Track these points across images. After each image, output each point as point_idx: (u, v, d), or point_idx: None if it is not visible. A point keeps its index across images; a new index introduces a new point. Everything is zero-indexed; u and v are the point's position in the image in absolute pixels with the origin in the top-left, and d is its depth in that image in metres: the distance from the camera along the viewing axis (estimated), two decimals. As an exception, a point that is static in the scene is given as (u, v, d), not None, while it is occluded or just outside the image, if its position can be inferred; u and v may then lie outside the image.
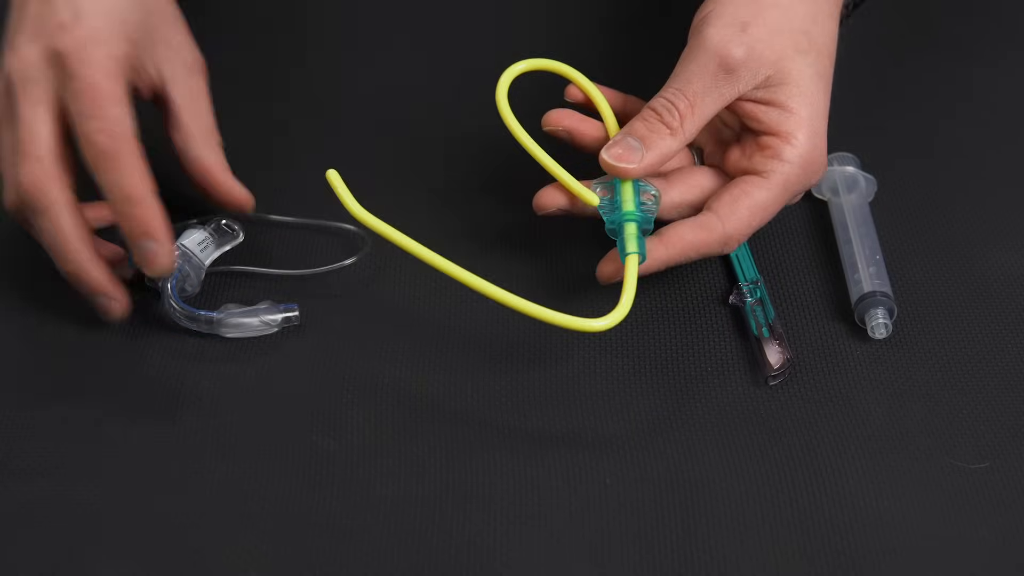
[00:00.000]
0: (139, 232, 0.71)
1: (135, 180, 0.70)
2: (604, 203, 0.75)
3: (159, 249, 0.71)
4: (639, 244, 0.73)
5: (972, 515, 0.67)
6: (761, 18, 0.74)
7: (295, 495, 0.68)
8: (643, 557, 0.66)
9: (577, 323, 0.70)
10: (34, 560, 0.65)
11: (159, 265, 0.71)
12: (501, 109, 0.76)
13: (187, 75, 0.76)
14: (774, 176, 0.74)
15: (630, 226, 0.74)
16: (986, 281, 0.78)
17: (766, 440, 0.70)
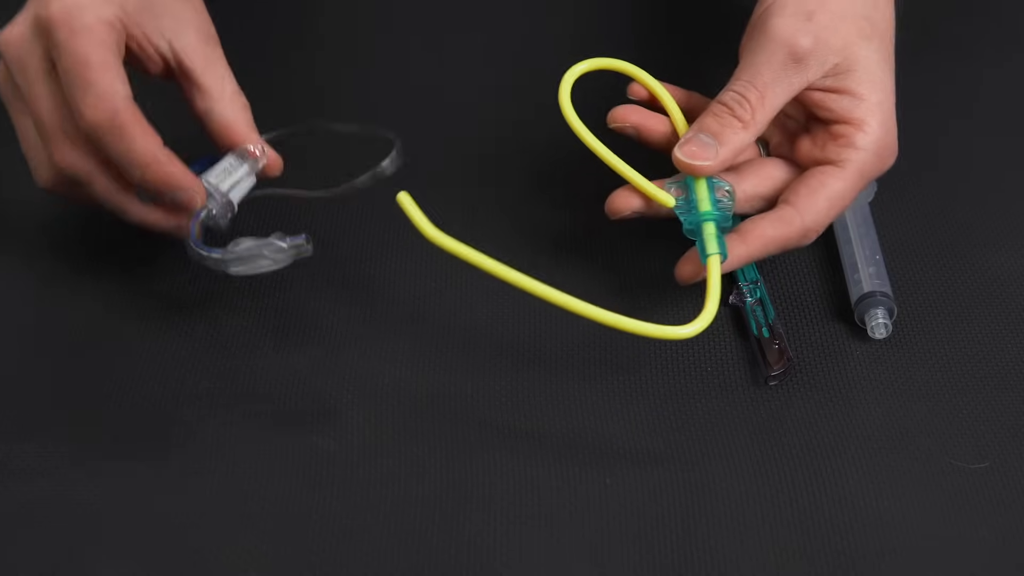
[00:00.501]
0: (164, 188, 0.71)
1: (142, 144, 0.70)
2: (680, 203, 0.74)
3: (190, 195, 0.71)
4: (720, 244, 0.72)
5: (972, 515, 0.67)
6: (825, 6, 0.74)
7: (295, 495, 0.68)
8: (643, 557, 0.66)
9: (664, 331, 0.69)
10: (34, 560, 0.65)
11: (194, 203, 0.72)
12: (565, 110, 0.75)
13: (202, 44, 0.74)
14: (850, 165, 0.74)
15: (709, 226, 0.73)
16: (986, 281, 0.78)
17: (766, 440, 0.70)
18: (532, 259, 0.74)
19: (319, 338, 0.75)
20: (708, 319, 0.70)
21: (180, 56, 0.73)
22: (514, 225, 0.81)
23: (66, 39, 0.69)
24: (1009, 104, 0.91)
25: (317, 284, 0.78)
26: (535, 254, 0.79)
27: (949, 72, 0.92)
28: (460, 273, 0.74)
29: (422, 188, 0.70)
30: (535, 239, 0.80)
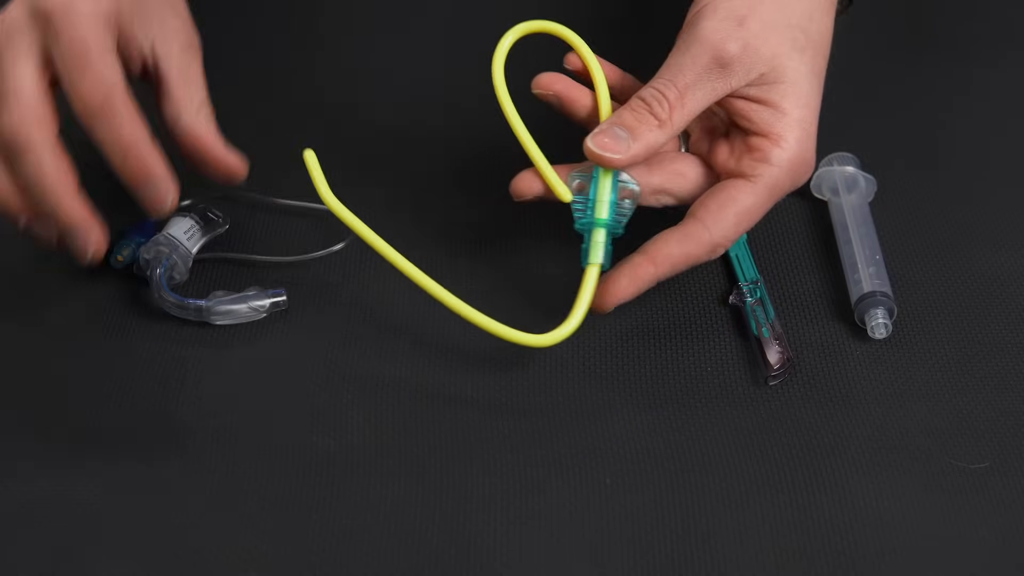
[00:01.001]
0: (141, 177, 0.70)
1: (130, 129, 0.70)
2: (577, 200, 0.73)
3: (162, 190, 0.70)
4: (605, 255, 0.72)
5: (972, 515, 0.67)
6: (758, 13, 0.73)
7: (295, 495, 0.68)
8: (643, 557, 0.66)
9: (522, 338, 0.70)
10: (34, 560, 0.65)
11: (166, 205, 0.71)
12: (495, 79, 0.73)
13: (180, 52, 0.75)
14: (761, 180, 0.73)
15: (599, 233, 0.72)
16: (986, 281, 0.78)
17: (766, 440, 0.70)
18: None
19: (319, 338, 0.75)
20: (571, 328, 0.71)
21: (159, 60, 0.74)
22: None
23: (66, 25, 0.70)
24: (1010, 104, 0.91)
25: (317, 284, 0.78)
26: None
27: (949, 72, 0.92)
28: (459, 274, 0.75)
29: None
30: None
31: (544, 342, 0.71)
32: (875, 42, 0.93)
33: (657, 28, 0.79)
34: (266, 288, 0.76)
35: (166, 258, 0.76)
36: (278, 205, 0.81)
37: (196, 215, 0.78)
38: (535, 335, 0.71)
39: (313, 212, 0.80)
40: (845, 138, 0.84)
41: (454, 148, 0.86)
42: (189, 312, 0.75)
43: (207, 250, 0.78)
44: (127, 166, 0.70)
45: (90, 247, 0.71)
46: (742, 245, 0.79)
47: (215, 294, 0.75)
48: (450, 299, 0.71)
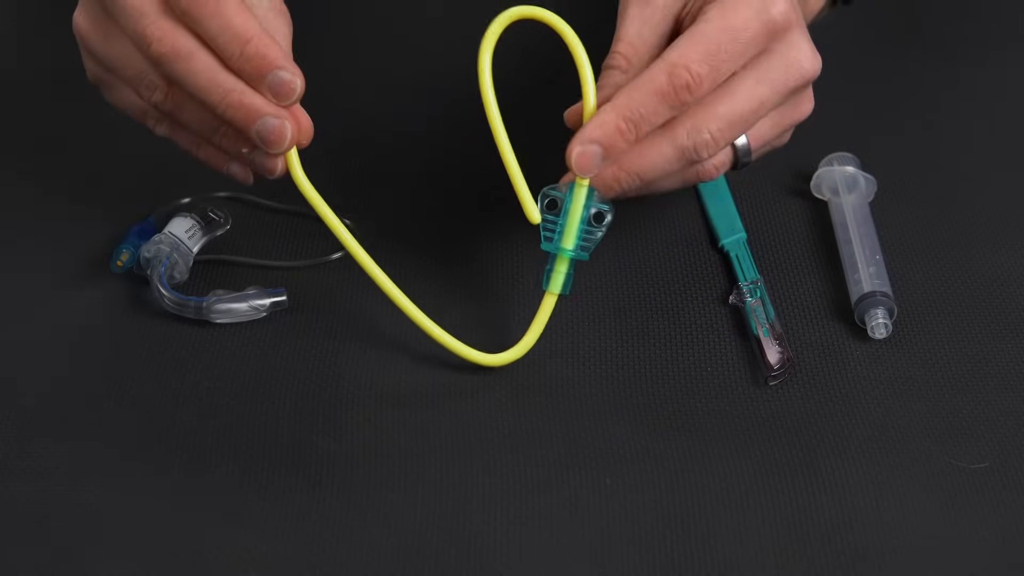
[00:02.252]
0: (265, 67, 0.68)
1: (242, 18, 0.68)
2: (547, 221, 0.71)
3: (290, 76, 0.68)
4: (564, 285, 0.71)
5: (972, 515, 0.67)
6: None
7: (295, 495, 0.68)
8: (643, 557, 0.66)
9: (472, 355, 0.72)
10: (34, 560, 0.65)
11: (296, 90, 0.69)
12: (481, 76, 0.70)
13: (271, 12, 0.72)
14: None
15: (563, 262, 0.71)
16: (986, 281, 0.78)
17: (766, 440, 0.70)
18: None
19: (319, 337, 0.75)
20: (521, 351, 0.72)
21: None
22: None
23: None
24: (1010, 104, 0.91)
25: (317, 283, 0.78)
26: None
27: (949, 72, 0.92)
28: (459, 273, 0.75)
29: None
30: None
31: (491, 361, 0.72)
32: (877, 42, 0.93)
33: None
34: (266, 287, 0.76)
35: (167, 257, 0.76)
36: (279, 208, 0.81)
37: (197, 215, 0.78)
38: (484, 354, 0.72)
39: (314, 214, 0.80)
40: (845, 138, 0.84)
41: (441, 148, 0.86)
42: (189, 310, 0.75)
43: (208, 250, 0.78)
44: (244, 57, 0.68)
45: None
46: (742, 245, 0.79)
47: (215, 293, 0.75)
48: (407, 305, 0.72)
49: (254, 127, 0.69)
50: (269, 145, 0.69)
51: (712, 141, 0.70)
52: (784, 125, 0.73)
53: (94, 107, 0.88)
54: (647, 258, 0.79)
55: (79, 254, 0.79)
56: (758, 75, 0.70)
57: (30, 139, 0.87)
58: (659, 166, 0.70)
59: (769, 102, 0.70)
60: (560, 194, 0.71)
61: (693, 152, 0.70)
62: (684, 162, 0.70)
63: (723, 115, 0.69)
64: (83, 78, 0.87)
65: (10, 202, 0.83)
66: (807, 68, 0.71)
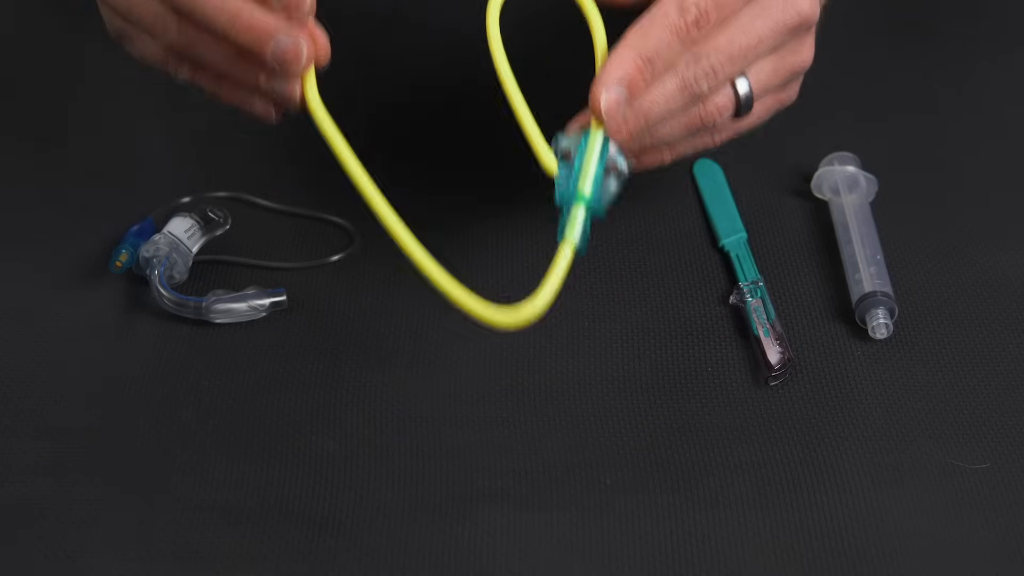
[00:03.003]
0: (263, 33, 0.65)
1: None
2: (561, 171, 0.65)
3: (291, 37, 0.66)
4: (582, 236, 0.63)
5: (973, 516, 0.67)
6: None
7: (295, 495, 0.68)
8: (643, 557, 0.66)
9: (481, 310, 0.61)
10: (34, 560, 0.65)
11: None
12: (489, 30, 0.68)
13: None
14: None
15: (579, 209, 0.64)
16: (987, 281, 0.78)
17: (766, 440, 0.70)
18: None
19: (319, 337, 0.75)
20: (535, 309, 0.62)
21: None
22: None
23: None
24: (1010, 104, 0.91)
25: (317, 283, 0.78)
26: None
27: (949, 72, 0.92)
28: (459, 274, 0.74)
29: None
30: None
31: (503, 320, 0.61)
32: (877, 41, 0.93)
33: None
34: (266, 287, 0.76)
35: (166, 257, 0.76)
36: (279, 209, 0.81)
37: (197, 215, 0.78)
38: (496, 309, 0.62)
39: (314, 215, 0.80)
40: (846, 138, 0.84)
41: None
42: (188, 310, 0.75)
43: (207, 250, 0.78)
44: (237, 26, 0.66)
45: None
46: (743, 245, 0.79)
47: (214, 293, 0.75)
48: (417, 252, 0.63)
49: (268, 49, 0.66)
50: (286, 66, 0.66)
51: (712, 72, 0.69)
52: (785, 70, 0.73)
53: (94, 107, 0.88)
54: (647, 258, 0.79)
55: (79, 254, 0.79)
56: (756, 11, 0.70)
57: (30, 139, 0.87)
58: (662, 102, 0.69)
59: (767, 39, 0.70)
60: (573, 142, 0.66)
61: (694, 83, 0.69)
62: (687, 96, 0.69)
63: (722, 47, 0.69)
64: (83, 78, 0.88)
65: (10, 202, 0.83)
66: (805, 9, 0.71)
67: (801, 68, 0.73)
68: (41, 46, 0.94)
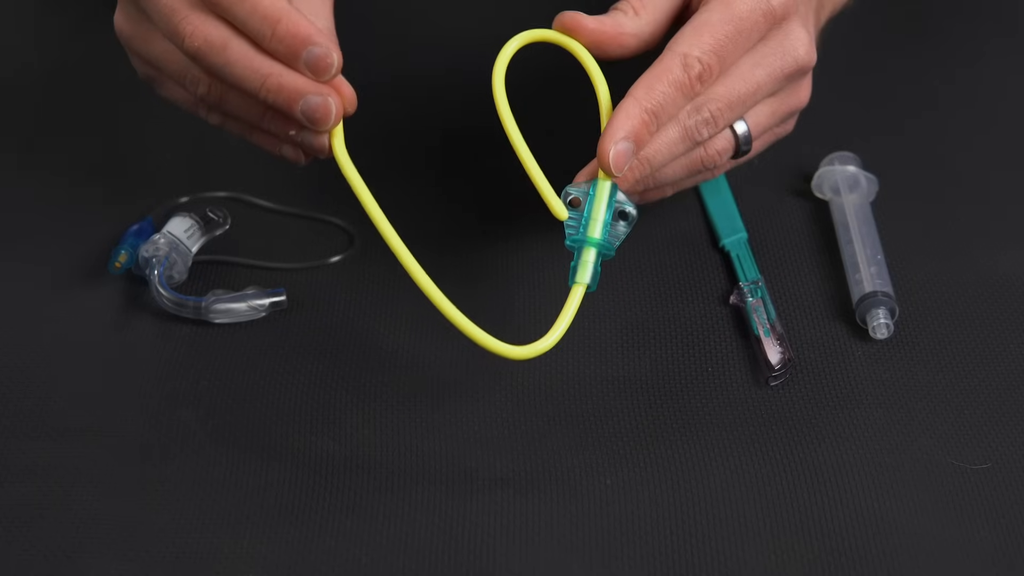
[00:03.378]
0: (299, 45, 0.67)
1: (269, 1, 0.67)
2: (572, 216, 0.70)
3: (325, 50, 0.67)
4: (593, 276, 0.69)
5: (973, 516, 0.67)
6: None
7: (295, 495, 0.68)
8: (643, 558, 0.66)
9: (495, 346, 0.68)
10: (34, 560, 0.65)
11: (333, 63, 0.68)
12: (496, 90, 0.71)
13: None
14: None
15: (589, 252, 0.69)
16: (988, 281, 0.78)
17: (766, 440, 0.70)
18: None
19: (318, 337, 0.75)
20: (548, 344, 0.68)
21: None
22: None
23: None
24: (1011, 103, 0.91)
25: (316, 283, 0.78)
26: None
27: (950, 71, 0.92)
28: (459, 273, 0.75)
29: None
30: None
31: (519, 355, 0.68)
32: (878, 40, 0.93)
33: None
34: (265, 287, 0.76)
35: (165, 257, 0.76)
36: (279, 211, 0.81)
37: (196, 215, 0.78)
38: (511, 346, 0.68)
39: (314, 216, 0.80)
40: (847, 137, 0.84)
41: (455, 153, 0.86)
42: (187, 310, 0.75)
43: (207, 251, 0.78)
44: (275, 38, 0.67)
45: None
46: (743, 245, 0.79)
47: (214, 293, 0.75)
48: (437, 295, 0.68)
49: (298, 107, 0.68)
50: (316, 124, 0.68)
51: (712, 120, 0.71)
52: (781, 112, 0.75)
53: (93, 107, 0.88)
54: (647, 258, 0.79)
55: (78, 254, 0.79)
56: (755, 59, 0.72)
57: (29, 139, 0.87)
58: (665, 150, 0.71)
59: (765, 86, 0.72)
60: (581, 192, 0.70)
61: (695, 131, 0.71)
62: (688, 143, 0.71)
63: (721, 95, 0.71)
64: (82, 78, 0.88)
65: (9, 202, 0.83)
66: (802, 57, 0.72)
67: (798, 108, 0.76)
68: (40, 46, 0.94)
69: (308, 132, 0.70)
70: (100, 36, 0.91)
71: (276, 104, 0.68)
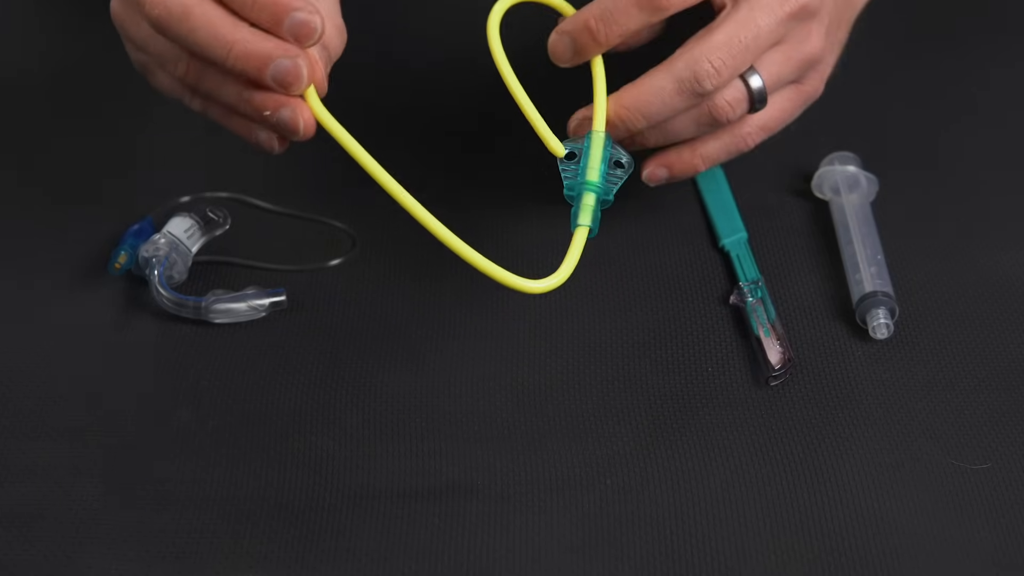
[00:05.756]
0: (281, 11, 0.66)
1: (222, 18, 0.67)
2: (568, 166, 0.72)
3: (307, 15, 0.66)
4: (593, 218, 0.71)
5: (973, 516, 0.67)
6: None
7: (295, 495, 0.68)
8: (643, 558, 0.66)
9: (511, 280, 0.67)
10: (34, 560, 0.65)
11: (316, 28, 0.66)
12: (490, 35, 0.72)
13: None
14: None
15: (589, 196, 0.71)
16: (988, 281, 0.78)
17: (766, 440, 0.70)
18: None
19: (318, 337, 0.75)
20: (559, 280, 0.68)
21: None
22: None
23: None
24: (1011, 103, 0.91)
25: (316, 283, 0.78)
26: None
27: (950, 71, 0.92)
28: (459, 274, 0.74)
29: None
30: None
31: (532, 288, 0.68)
32: (877, 41, 0.93)
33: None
34: (265, 287, 0.76)
35: (165, 257, 0.76)
36: (279, 211, 0.81)
37: (196, 215, 0.78)
38: (527, 280, 0.68)
39: (314, 218, 0.80)
40: (847, 137, 0.84)
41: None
42: (187, 310, 0.75)
43: (207, 251, 0.78)
44: (259, 6, 0.66)
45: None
46: (743, 245, 0.79)
47: (214, 292, 0.75)
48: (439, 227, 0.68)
49: (268, 73, 0.67)
50: (288, 87, 0.67)
51: (714, 71, 0.71)
52: (795, 60, 0.74)
53: (93, 107, 0.88)
54: (647, 258, 0.79)
55: (78, 254, 0.79)
56: (752, 2, 0.71)
57: (29, 139, 0.87)
58: (658, 100, 0.71)
59: (767, 28, 0.71)
60: (577, 144, 0.72)
61: (695, 83, 0.71)
62: (688, 96, 0.71)
63: (721, 43, 0.71)
64: (82, 78, 0.87)
65: (9, 203, 0.83)
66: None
67: (811, 57, 0.74)
68: (41, 46, 0.94)
69: (284, 109, 0.68)
70: (100, 36, 0.91)
71: (245, 72, 0.67)
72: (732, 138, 0.75)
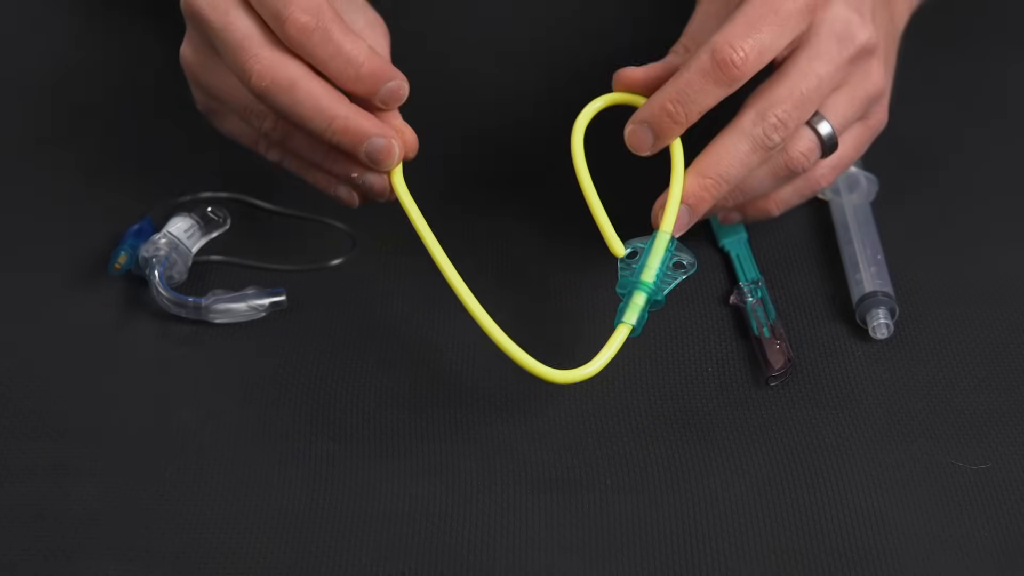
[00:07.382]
0: (378, 82, 0.70)
1: (351, 41, 0.70)
2: (626, 261, 0.72)
3: (398, 84, 0.71)
4: (639, 319, 0.70)
5: (973, 516, 0.67)
6: None
7: (295, 495, 0.68)
8: (643, 558, 0.66)
9: (539, 369, 0.69)
10: (34, 560, 0.65)
11: (405, 94, 0.71)
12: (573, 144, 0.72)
13: (368, 28, 0.74)
14: None
15: (639, 295, 0.70)
16: (988, 281, 0.78)
17: (766, 440, 0.70)
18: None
19: (319, 337, 0.75)
20: (588, 374, 0.69)
21: None
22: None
23: None
24: (1011, 102, 0.91)
25: (317, 283, 0.78)
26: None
27: (951, 71, 0.92)
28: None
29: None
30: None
31: (558, 378, 0.69)
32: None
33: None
34: (265, 287, 0.76)
35: (165, 257, 0.76)
36: (279, 211, 0.81)
37: (196, 215, 0.78)
38: (552, 370, 0.69)
39: (314, 218, 0.80)
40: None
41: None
42: (188, 310, 0.75)
43: (207, 251, 0.78)
44: (357, 79, 0.70)
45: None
46: (743, 245, 0.79)
47: (214, 292, 0.75)
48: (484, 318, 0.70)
49: (362, 149, 0.70)
50: (378, 164, 0.71)
51: (780, 123, 0.71)
52: (860, 99, 0.74)
53: (94, 107, 0.88)
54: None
55: (78, 254, 0.79)
56: (810, 52, 0.71)
57: (30, 139, 0.87)
58: (736, 162, 0.71)
59: (827, 76, 0.71)
60: (642, 244, 0.72)
61: (765, 138, 0.71)
62: (762, 152, 0.71)
63: (784, 96, 0.71)
64: (82, 77, 0.87)
65: (9, 203, 0.83)
66: (861, 39, 0.72)
67: (875, 93, 0.74)
68: (41, 46, 0.94)
69: (370, 174, 0.72)
70: (101, 37, 0.92)
71: (341, 145, 0.70)
72: (806, 182, 0.76)
